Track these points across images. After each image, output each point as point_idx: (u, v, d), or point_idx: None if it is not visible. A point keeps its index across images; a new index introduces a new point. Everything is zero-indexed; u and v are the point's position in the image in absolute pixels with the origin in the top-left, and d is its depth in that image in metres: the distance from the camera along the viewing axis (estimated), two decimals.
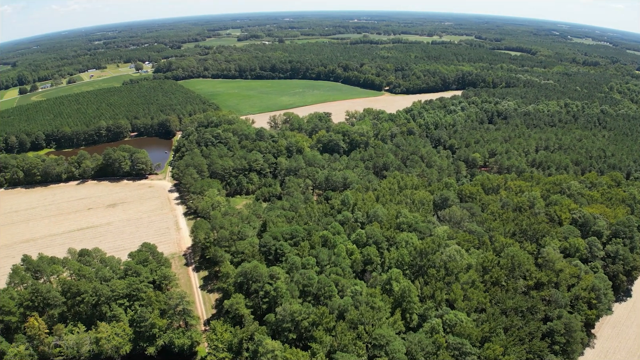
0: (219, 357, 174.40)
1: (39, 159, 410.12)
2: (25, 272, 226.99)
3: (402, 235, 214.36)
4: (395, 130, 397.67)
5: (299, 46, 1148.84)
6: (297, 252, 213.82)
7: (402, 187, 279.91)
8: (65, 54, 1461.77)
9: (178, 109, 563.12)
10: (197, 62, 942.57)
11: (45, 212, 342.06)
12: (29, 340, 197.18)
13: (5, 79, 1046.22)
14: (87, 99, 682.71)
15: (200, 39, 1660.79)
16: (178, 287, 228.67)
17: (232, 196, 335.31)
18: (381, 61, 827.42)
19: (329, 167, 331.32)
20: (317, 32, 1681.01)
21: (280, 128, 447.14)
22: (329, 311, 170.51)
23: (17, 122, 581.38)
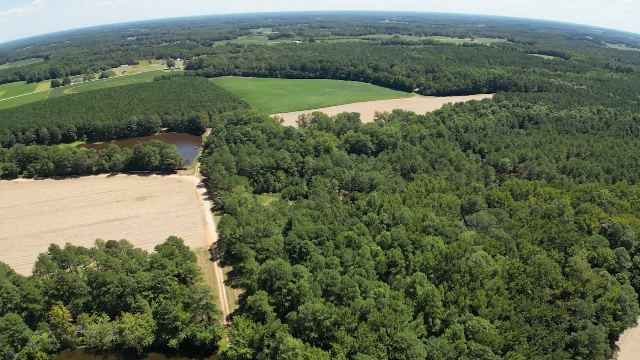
0: (239, 352, 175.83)
1: (70, 151, 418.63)
2: (52, 261, 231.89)
3: (428, 238, 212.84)
4: (424, 133, 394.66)
5: (329, 46, 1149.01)
6: (322, 252, 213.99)
7: (430, 190, 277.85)
8: (98, 48, 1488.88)
9: (208, 106, 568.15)
10: (228, 60, 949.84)
11: (75, 203, 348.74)
12: (52, 328, 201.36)
13: (38, 72, 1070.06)
14: (119, 94, 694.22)
15: (231, 37, 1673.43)
16: (202, 282, 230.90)
17: (258, 193, 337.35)
18: (412, 62, 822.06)
19: (356, 167, 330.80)
20: (348, 32, 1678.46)
21: (309, 127, 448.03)
22: (351, 312, 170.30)
23: (49, 114, 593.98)
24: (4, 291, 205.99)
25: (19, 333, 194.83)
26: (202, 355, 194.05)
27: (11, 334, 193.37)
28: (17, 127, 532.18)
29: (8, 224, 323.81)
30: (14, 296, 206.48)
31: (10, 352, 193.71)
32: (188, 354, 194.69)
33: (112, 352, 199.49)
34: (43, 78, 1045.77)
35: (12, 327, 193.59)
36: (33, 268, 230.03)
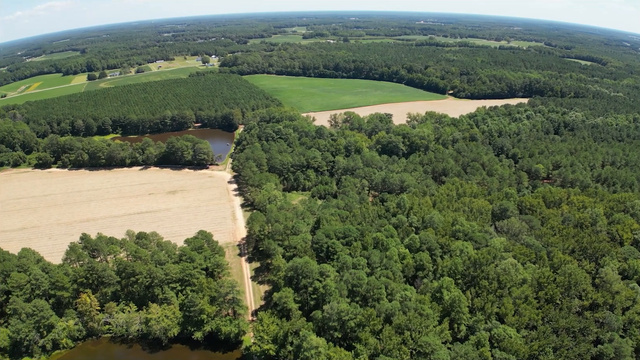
0: (263, 348, 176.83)
1: (104, 143, 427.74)
2: (83, 250, 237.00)
3: (457, 243, 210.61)
4: (457, 136, 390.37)
5: (363, 46, 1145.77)
6: (349, 252, 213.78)
7: (461, 195, 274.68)
8: (134, 44, 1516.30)
9: (241, 103, 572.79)
10: (262, 58, 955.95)
11: (107, 194, 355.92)
12: (79, 316, 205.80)
13: (74, 65, 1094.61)
14: (154, 89, 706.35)
15: (266, 36, 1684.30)
16: (230, 276, 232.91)
17: (288, 191, 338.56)
18: (446, 64, 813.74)
19: (386, 168, 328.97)
20: (383, 33, 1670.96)
21: (340, 127, 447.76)
22: (376, 314, 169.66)
23: (85, 106, 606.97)
24: (33, 278, 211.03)
25: (45, 319, 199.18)
26: (226, 349, 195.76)
27: (37, 320, 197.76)
28: (52, 118, 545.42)
29: (41, 212, 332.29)
30: (43, 283, 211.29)
31: (35, 337, 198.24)
32: (212, 347, 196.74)
33: (138, 342, 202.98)
34: (79, 71, 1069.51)
35: (38, 313, 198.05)
36: (63, 256, 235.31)
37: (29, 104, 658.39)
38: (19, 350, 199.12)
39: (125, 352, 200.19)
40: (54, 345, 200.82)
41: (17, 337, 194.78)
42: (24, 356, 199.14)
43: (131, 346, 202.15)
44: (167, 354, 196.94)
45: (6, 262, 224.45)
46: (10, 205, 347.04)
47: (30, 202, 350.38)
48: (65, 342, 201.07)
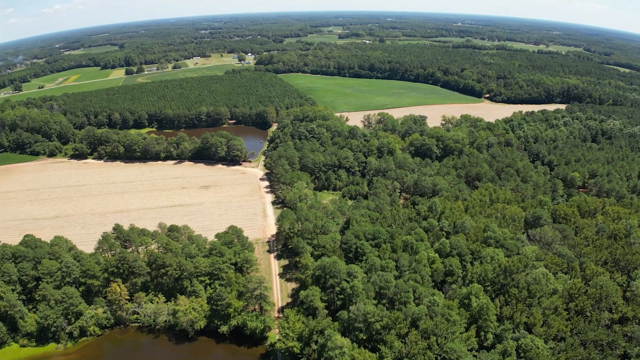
0: (287, 345, 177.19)
1: (140, 137, 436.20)
2: (115, 240, 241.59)
3: (488, 250, 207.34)
4: (492, 140, 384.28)
5: (399, 47, 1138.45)
6: (378, 254, 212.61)
7: (494, 200, 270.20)
8: (172, 40, 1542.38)
9: (276, 101, 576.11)
10: (298, 57, 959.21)
11: (141, 186, 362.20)
12: (108, 305, 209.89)
13: (113, 59, 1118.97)
14: (190, 85, 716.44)
15: (302, 35, 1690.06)
16: (258, 272, 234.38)
17: (319, 190, 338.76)
18: (483, 67, 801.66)
19: (419, 171, 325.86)
20: (419, 34, 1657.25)
21: (374, 128, 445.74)
22: (402, 317, 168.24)
23: (122, 100, 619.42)
24: (64, 265, 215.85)
25: (74, 306, 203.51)
26: (251, 344, 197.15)
27: (66, 306, 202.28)
28: (89, 110, 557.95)
29: (75, 201, 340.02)
30: (74, 271, 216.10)
31: (63, 324, 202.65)
32: (237, 341, 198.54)
33: (164, 333, 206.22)
34: (117, 65, 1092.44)
35: (68, 300, 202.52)
36: (95, 245, 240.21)
37: (67, 95, 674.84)
38: (46, 336, 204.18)
39: (151, 342, 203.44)
40: (81, 332, 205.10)
41: (45, 323, 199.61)
42: (50, 342, 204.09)
43: (158, 336, 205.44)
44: (192, 346, 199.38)
45: (38, 249, 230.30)
46: (45, 194, 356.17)
47: (65, 192, 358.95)
48: (93, 330, 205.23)
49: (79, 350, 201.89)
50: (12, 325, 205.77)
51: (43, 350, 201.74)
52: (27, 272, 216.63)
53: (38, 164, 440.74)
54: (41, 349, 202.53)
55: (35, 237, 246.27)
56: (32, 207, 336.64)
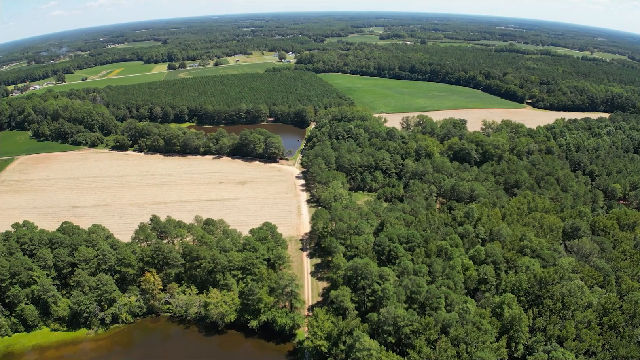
0: (315, 344, 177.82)
1: (180, 131, 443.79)
2: (152, 231, 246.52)
3: (524, 259, 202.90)
4: (532, 147, 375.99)
5: (440, 49, 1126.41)
6: (411, 258, 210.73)
7: (532, 209, 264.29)
8: (214, 37, 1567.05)
9: (315, 101, 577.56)
10: (338, 57, 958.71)
11: (179, 179, 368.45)
12: (141, 293, 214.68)
13: (156, 54, 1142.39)
14: (231, 82, 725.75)
15: (343, 35, 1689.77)
16: (290, 269, 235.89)
17: (354, 191, 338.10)
18: (526, 72, 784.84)
19: (456, 176, 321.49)
20: (461, 36, 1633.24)
21: (412, 130, 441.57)
22: (433, 323, 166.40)
23: (164, 94, 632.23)
24: (100, 253, 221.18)
25: (108, 294, 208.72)
26: (279, 340, 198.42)
27: (100, 293, 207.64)
28: (131, 103, 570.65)
29: (114, 191, 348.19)
30: (110, 259, 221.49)
31: (95, 310, 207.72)
32: (266, 337, 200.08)
33: (195, 324, 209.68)
34: (160, 60, 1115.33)
35: (102, 287, 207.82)
36: (132, 235, 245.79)
37: (110, 88, 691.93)
38: (77, 321, 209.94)
39: (182, 333, 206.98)
40: (113, 319, 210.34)
41: (77, 308, 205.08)
42: (82, 327, 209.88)
43: (188, 327, 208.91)
44: (222, 338, 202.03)
45: (75, 236, 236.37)
46: (85, 183, 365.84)
47: (104, 181, 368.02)
48: (125, 317, 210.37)
49: (110, 336, 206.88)
50: (44, 309, 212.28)
51: (74, 335, 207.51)
52: (63, 258, 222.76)
53: (79, 154, 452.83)
54: (72, 333, 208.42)
55: (73, 225, 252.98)
56: (71, 195, 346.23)
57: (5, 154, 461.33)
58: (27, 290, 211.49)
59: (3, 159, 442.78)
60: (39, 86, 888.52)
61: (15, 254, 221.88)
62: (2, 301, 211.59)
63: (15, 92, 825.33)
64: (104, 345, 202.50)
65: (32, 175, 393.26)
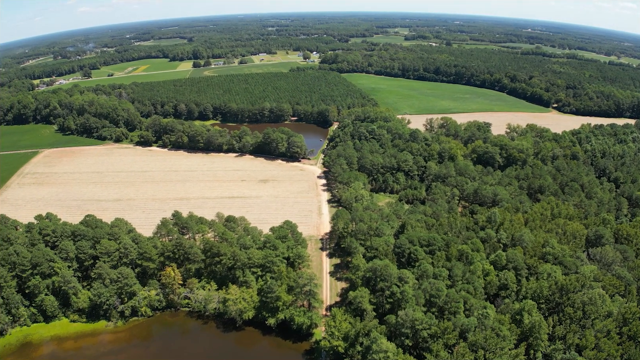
0: (332, 344, 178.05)
1: (204, 128, 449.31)
2: (173, 226, 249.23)
3: (546, 266, 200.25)
4: (557, 152, 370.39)
5: (466, 51, 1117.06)
6: (432, 261, 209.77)
7: (555, 215, 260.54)
8: (239, 36, 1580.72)
9: (338, 101, 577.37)
10: (362, 57, 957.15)
11: (202, 176, 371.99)
12: (161, 287, 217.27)
13: (181, 52, 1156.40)
14: (255, 80, 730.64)
15: (367, 35, 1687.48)
16: (309, 269, 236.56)
17: (376, 192, 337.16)
18: (552, 76, 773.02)
19: (480, 179, 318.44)
20: (487, 39, 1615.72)
21: (436, 132, 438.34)
22: (452, 327, 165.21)
23: (188, 92, 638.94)
24: (122, 246, 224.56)
25: (128, 287, 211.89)
26: (296, 339, 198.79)
27: (121, 286, 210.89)
28: (156, 100, 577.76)
29: (137, 186, 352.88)
30: (131, 252, 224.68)
31: (115, 302, 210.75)
32: (283, 335, 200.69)
33: (213, 320, 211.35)
34: (185, 58, 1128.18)
35: (123, 280, 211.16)
36: (154, 230, 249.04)
37: (135, 84, 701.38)
38: (97, 313, 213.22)
39: (200, 328, 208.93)
40: (133, 312, 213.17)
41: (98, 300, 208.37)
42: (101, 319, 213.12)
43: (207, 322, 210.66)
44: (239, 334, 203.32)
45: (98, 229, 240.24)
46: (109, 177, 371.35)
47: (128, 176, 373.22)
48: (145, 311, 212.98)
49: (129, 329, 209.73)
50: (64, 300, 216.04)
51: (93, 327, 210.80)
52: (85, 250, 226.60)
53: (104, 148, 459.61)
54: (91, 325, 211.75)
55: (96, 218, 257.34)
56: (95, 188, 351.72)
57: (30, 146, 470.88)
58: (48, 281, 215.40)
59: (28, 152, 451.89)
60: (65, 81, 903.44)
61: (37, 245, 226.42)
62: (23, 291, 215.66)
63: (41, 86, 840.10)
64: (123, 337, 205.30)
65: (57, 169, 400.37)
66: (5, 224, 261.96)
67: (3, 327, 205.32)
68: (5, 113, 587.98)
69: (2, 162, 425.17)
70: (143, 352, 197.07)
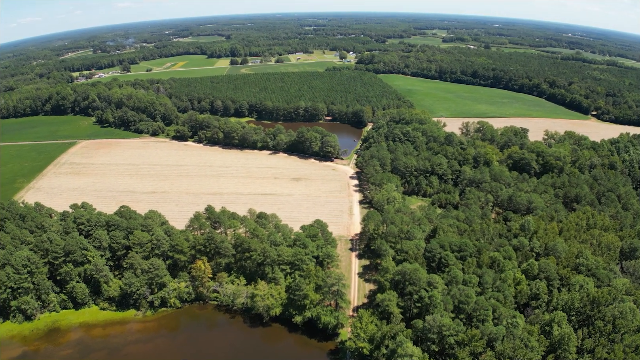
0: (358, 345, 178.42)
1: (239, 125, 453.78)
2: (206, 220, 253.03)
3: (578, 277, 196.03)
4: (595, 161, 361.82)
5: (504, 54, 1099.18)
6: (462, 267, 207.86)
7: (590, 226, 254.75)
8: (276, 34, 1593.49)
9: (373, 101, 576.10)
10: (399, 58, 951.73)
11: (236, 172, 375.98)
12: (191, 280, 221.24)
13: (219, 49, 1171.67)
14: (291, 79, 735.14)
15: (405, 36, 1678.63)
16: (338, 269, 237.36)
17: (408, 195, 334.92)
18: (592, 82, 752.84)
19: (514, 186, 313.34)
20: (526, 43, 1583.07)
21: (471, 136, 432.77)
22: (479, 335, 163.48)
23: (225, 89, 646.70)
24: (155, 238, 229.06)
25: (159, 278, 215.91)
26: (322, 338, 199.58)
27: (151, 277, 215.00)
28: (193, 95, 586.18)
29: (172, 179, 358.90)
30: (163, 244, 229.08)
31: (145, 292, 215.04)
32: (309, 333, 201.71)
33: (240, 314, 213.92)
34: (223, 55, 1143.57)
35: (154, 271, 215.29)
36: (187, 223, 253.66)
37: (173, 80, 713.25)
38: (127, 302, 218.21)
39: (227, 322, 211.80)
40: (162, 303, 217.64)
41: (128, 290, 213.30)
42: (130, 308, 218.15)
43: (234, 317, 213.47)
44: (265, 330, 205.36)
45: (132, 220, 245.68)
46: (145, 170, 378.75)
47: (163, 170, 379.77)
48: (174, 302, 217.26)
49: (157, 319, 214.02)
50: (95, 288, 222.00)
51: (122, 315, 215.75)
52: (118, 240, 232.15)
53: (141, 141, 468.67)
54: (120, 313, 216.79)
55: (130, 209, 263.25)
56: (130, 180, 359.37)
57: (67, 137, 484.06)
58: (80, 269, 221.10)
59: (65, 142, 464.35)
60: (104, 74, 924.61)
61: (71, 234, 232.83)
62: (54, 278, 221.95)
63: (80, 79, 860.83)
64: (151, 327, 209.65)
65: (94, 159, 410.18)
66: (39, 212, 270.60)
67: (32, 312, 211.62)
68: (43, 103, 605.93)
69: (40, 151, 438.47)
70: (170, 343, 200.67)
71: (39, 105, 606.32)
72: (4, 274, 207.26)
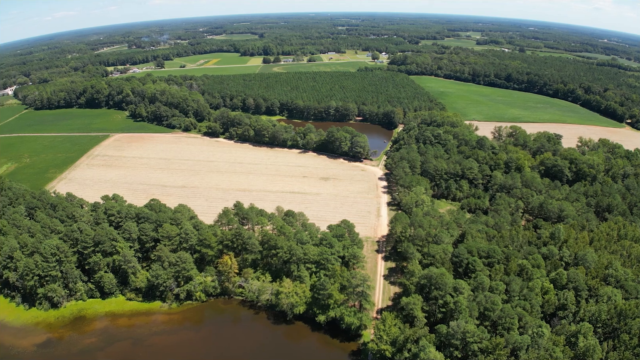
0: (380, 348, 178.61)
1: (270, 123, 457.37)
2: (234, 216, 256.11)
3: (607, 289, 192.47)
4: (628, 170, 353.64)
5: (539, 58, 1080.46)
6: (489, 273, 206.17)
7: (622, 236, 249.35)
8: (309, 34, 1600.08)
9: (405, 103, 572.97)
10: (432, 60, 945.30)
11: (265, 170, 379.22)
12: (217, 274, 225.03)
13: (252, 47, 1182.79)
14: (322, 79, 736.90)
15: (438, 38, 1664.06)
16: (364, 270, 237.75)
17: (437, 198, 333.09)
18: (627, 90, 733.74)
19: (546, 193, 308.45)
20: (562, 47, 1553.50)
21: (504, 141, 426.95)
22: (504, 344, 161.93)
23: (257, 87, 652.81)
24: (183, 232, 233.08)
25: (185, 271, 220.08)
26: (344, 339, 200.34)
27: (178, 270, 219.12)
28: (226, 93, 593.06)
29: (202, 174, 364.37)
30: (191, 238, 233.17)
31: (172, 285, 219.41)
32: (331, 333, 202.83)
33: (264, 311, 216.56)
34: (256, 54, 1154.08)
35: (181, 264, 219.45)
36: (215, 218, 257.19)
37: (206, 77, 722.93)
38: (153, 294, 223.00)
39: (251, 317, 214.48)
40: (188, 296, 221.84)
41: (155, 282, 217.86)
42: (157, 300, 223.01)
43: (258, 313, 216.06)
44: (289, 328, 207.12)
45: (161, 213, 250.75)
46: (176, 164, 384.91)
47: (194, 165, 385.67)
48: (199, 295, 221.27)
49: (182, 312, 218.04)
50: (122, 279, 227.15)
51: (148, 306, 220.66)
52: (147, 232, 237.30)
53: (173, 137, 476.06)
54: (146, 304, 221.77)
55: (160, 202, 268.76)
56: (162, 174, 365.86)
57: (101, 130, 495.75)
58: (109, 259, 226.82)
59: (99, 135, 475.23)
60: (138, 70, 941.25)
61: (102, 224, 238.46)
62: (82, 267, 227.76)
63: (115, 74, 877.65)
64: (176, 319, 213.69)
65: (126, 153, 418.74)
66: (71, 202, 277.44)
67: (58, 299, 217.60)
68: (78, 96, 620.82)
69: (73, 142, 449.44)
70: (194, 335, 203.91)
71: (74, 97, 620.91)
72: (32, 262, 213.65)
